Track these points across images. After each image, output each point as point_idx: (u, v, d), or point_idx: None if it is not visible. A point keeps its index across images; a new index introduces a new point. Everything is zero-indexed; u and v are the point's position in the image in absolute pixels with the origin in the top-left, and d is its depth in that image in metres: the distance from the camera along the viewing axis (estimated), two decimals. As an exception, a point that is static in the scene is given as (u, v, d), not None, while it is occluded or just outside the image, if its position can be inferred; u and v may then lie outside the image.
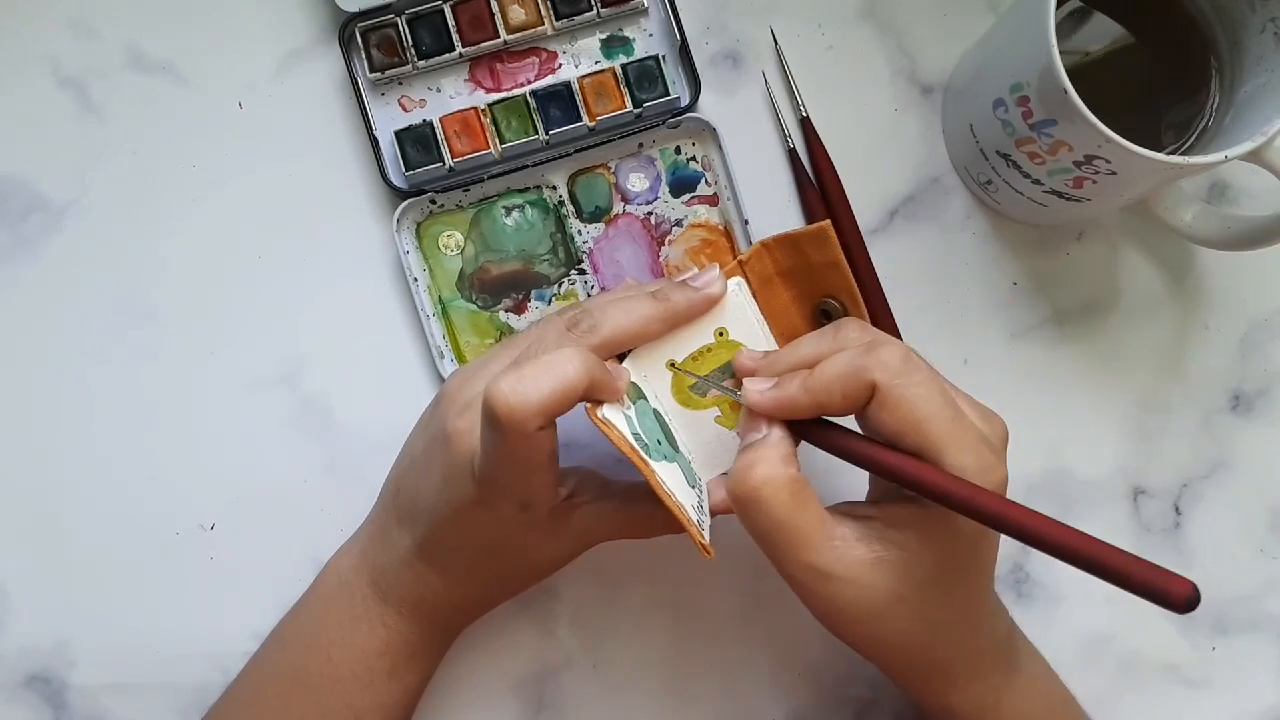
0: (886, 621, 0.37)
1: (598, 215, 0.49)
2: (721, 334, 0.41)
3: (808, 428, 0.38)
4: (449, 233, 0.49)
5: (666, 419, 0.41)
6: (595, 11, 0.48)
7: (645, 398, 0.40)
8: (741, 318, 0.42)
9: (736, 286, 0.41)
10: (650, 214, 0.49)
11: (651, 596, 0.49)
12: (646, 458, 0.37)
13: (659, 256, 0.49)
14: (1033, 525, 0.34)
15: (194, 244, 0.49)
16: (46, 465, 0.48)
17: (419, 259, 0.48)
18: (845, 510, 0.38)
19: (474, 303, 0.49)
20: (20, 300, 0.49)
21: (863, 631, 0.38)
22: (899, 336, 0.48)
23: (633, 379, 0.40)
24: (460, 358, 0.48)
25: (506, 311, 0.49)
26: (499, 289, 0.49)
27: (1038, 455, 0.49)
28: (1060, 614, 0.49)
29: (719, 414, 0.42)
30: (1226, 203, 0.49)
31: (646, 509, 0.41)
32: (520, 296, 0.49)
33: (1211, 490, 0.49)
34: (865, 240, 0.49)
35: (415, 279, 0.48)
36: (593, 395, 0.36)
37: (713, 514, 0.40)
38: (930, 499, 0.35)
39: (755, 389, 0.38)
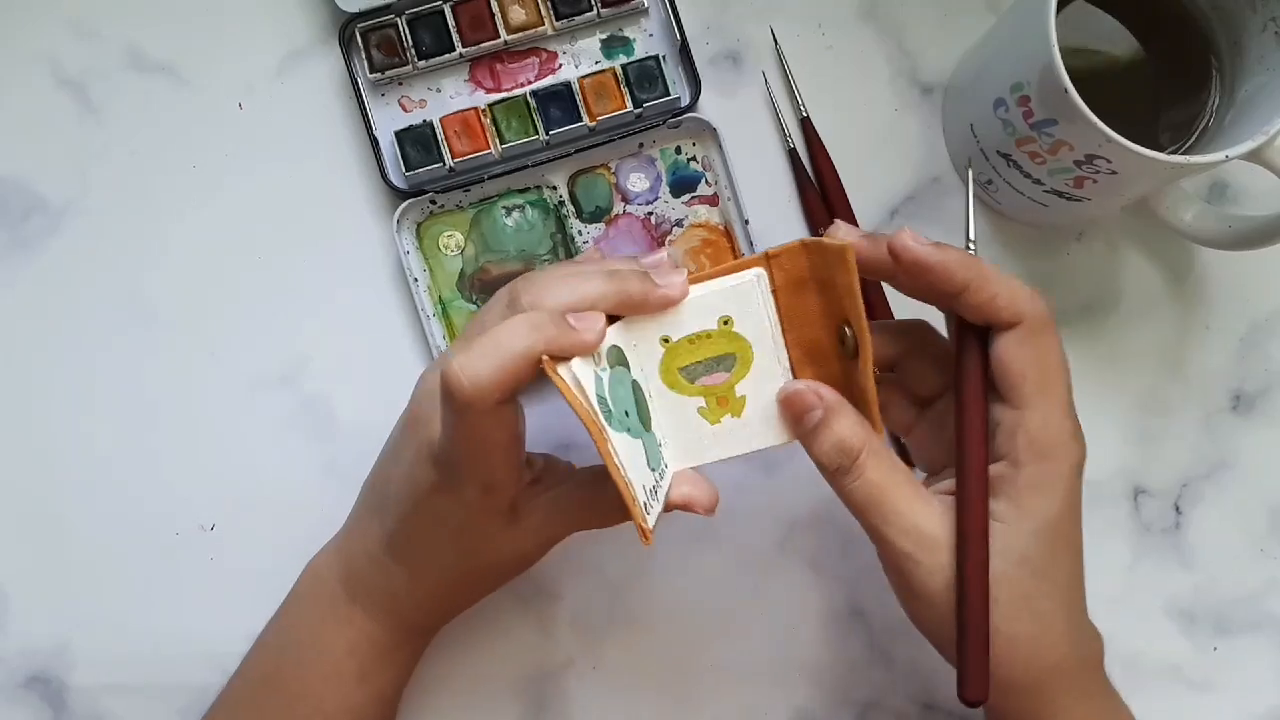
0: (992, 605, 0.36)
1: (598, 215, 0.49)
2: (726, 322, 0.39)
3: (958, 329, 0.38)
4: (449, 233, 0.49)
5: (647, 396, 0.39)
6: (595, 11, 0.48)
7: (627, 366, 0.38)
8: (751, 311, 0.39)
9: (755, 279, 0.38)
10: (650, 214, 0.49)
11: (651, 597, 0.49)
12: (604, 423, 0.34)
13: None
14: None
15: (194, 244, 0.49)
16: (46, 466, 0.48)
17: (419, 259, 0.48)
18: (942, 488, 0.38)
19: (474, 303, 0.49)
20: (20, 301, 0.49)
21: (952, 616, 0.36)
22: (899, 336, 0.48)
23: (616, 342, 0.38)
24: (460, 358, 0.48)
25: (507, 312, 0.49)
26: (499, 289, 0.49)
27: (1038, 455, 0.49)
28: (1061, 614, 0.49)
29: (704, 405, 0.39)
30: (1227, 202, 0.49)
31: (604, 492, 0.39)
32: (520, 297, 0.49)
33: (1212, 490, 0.49)
34: (865, 240, 0.48)
35: (415, 279, 0.48)
36: (554, 353, 0.34)
37: (671, 507, 0.38)
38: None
39: (909, 240, 0.36)
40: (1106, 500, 0.49)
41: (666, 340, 0.39)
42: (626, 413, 0.37)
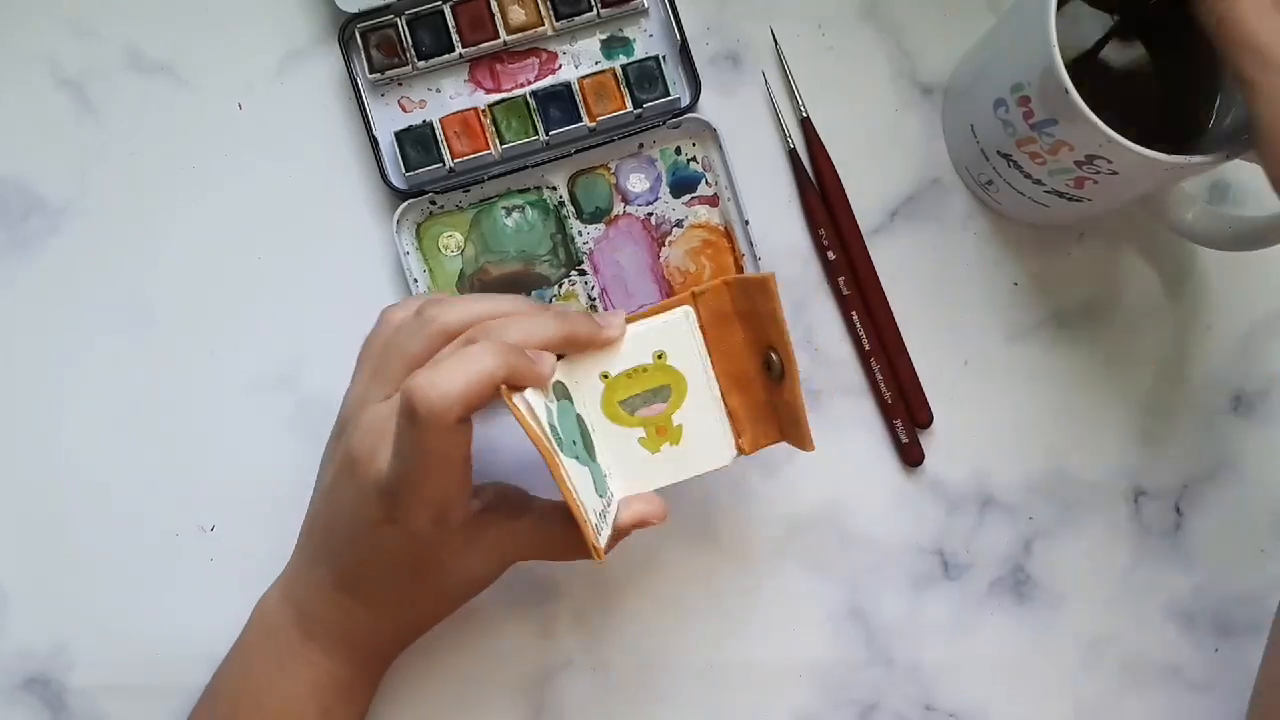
0: None
1: (598, 216, 0.49)
2: (660, 356, 0.42)
3: None
4: (449, 233, 0.49)
5: (590, 429, 0.42)
6: (595, 12, 0.48)
7: (571, 401, 0.41)
8: (683, 345, 0.42)
9: (684, 315, 0.42)
10: (651, 214, 0.49)
11: (651, 597, 0.48)
12: (555, 449, 0.37)
13: (659, 257, 0.49)
14: None
15: (193, 245, 0.49)
16: (46, 466, 0.48)
17: (419, 260, 0.48)
18: None
19: (474, 303, 0.49)
20: (19, 301, 0.49)
21: None
22: (900, 337, 0.48)
23: (561, 378, 0.40)
24: (460, 358, 0.48)
25: (506, 312, 0.49)
26: (499, 290, 0.49)
27: (1038, 456, 0.49)
28: (1062, 615, 0.49)
29: (644, 435, 0.42)
30: (1227, 203, 0.49)
31: (562, 529, 0.41)
32: (520, 297, 0.49)
33: (1213, 491, 0.49)
34: (865, 240, 0.48)
35: (415, 280, 0.48)
36: (513, 382, 0.37)
37: (620, 532, 0.40)
38: None
39: None
40: (1107, 501, 0.49)
41: (606, 375, 0.42)
42: (574, 441, 0.40)
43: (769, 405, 0.42)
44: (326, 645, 0.43)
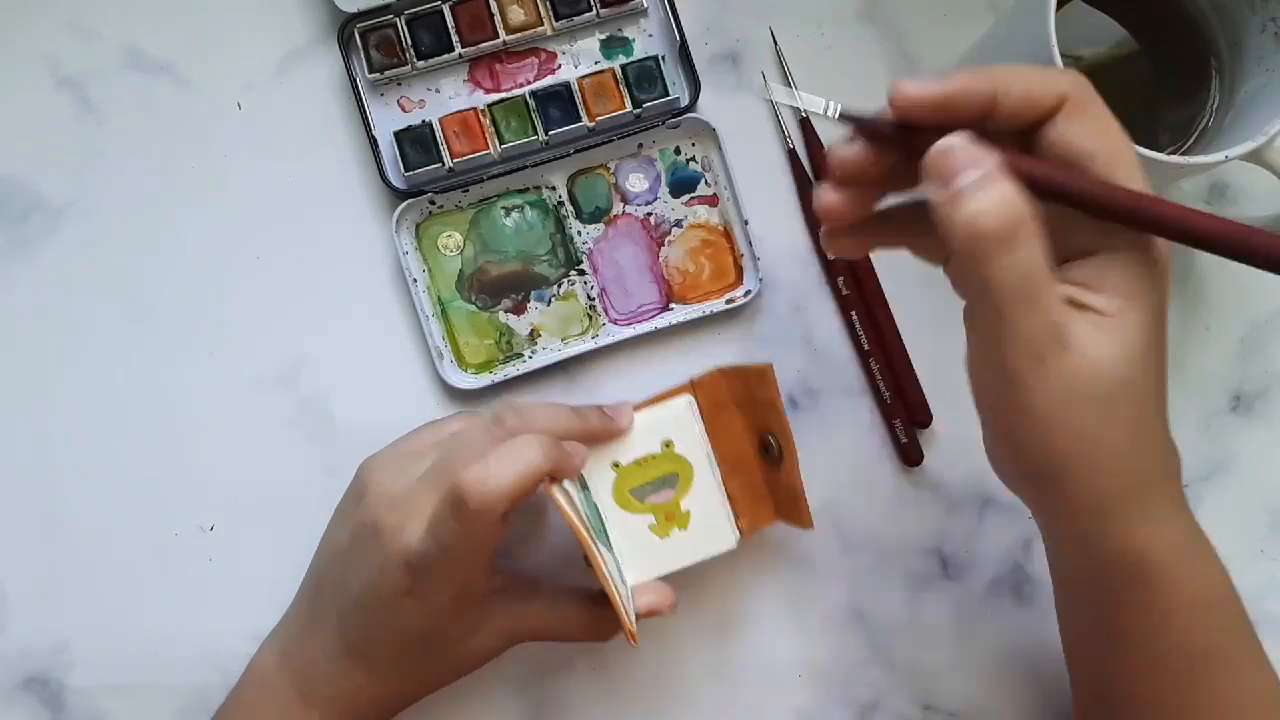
0: (1115, 408, 0.33)
1: (597, 216, 0.49)
2: (668, 445, 0.44)
3: (1017, 161, 0.32)
4: (448, 233, 0.49)
5: (604, 516, 0.44)
6: (595, 12, 0.48)
7: (589, 490, 0.43)
8: (689, 434, 0.44)
9: (689, 405, 0.44)
10: (650, 214, 0.49)
11: (651, 597, 0.49)
12: (592, 538, 0.39)
13: (659, 257, 0.49)
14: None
15: (193, 245, 0.49)
16: (45, 466, 0.48)
17: (418, 259, 0.48)
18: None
19: (473, 303, 0.49)
20: (19, 301, 0.49)
21: (1076, 425, 0.32)
22: (899, 337, 0.48)
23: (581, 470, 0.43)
24: (459, 358, 0.48)
25: (506, 312, 0.49)
26: (498, 290, 0.49)
27: (1038, 456, 0.49)
28: (1061, 615, 0.49)
29: (654, 522, 0.44)
30: (1226, 203, 0.49)
31: (573, 611, 0.44)
32: (520, 297, 0.49)
33: (1212, 491, 0.49)
34: (865, 241, 0.48)
35: (415, 279, 0.48)
36: (555, 475, 0.39)
37: (639, 615, 0.42)
38: (1151, 228, 0.32)
39: (909, 85, 0.33)
40: (1106, 501, 0.49)
41: (617, 465, 0.44)
42: (598, 530, 0.41)
43: (765, 487, 0.45)
44: (326, 709, 0.43)
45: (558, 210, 0.49)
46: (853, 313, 0.48)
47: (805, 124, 0.49)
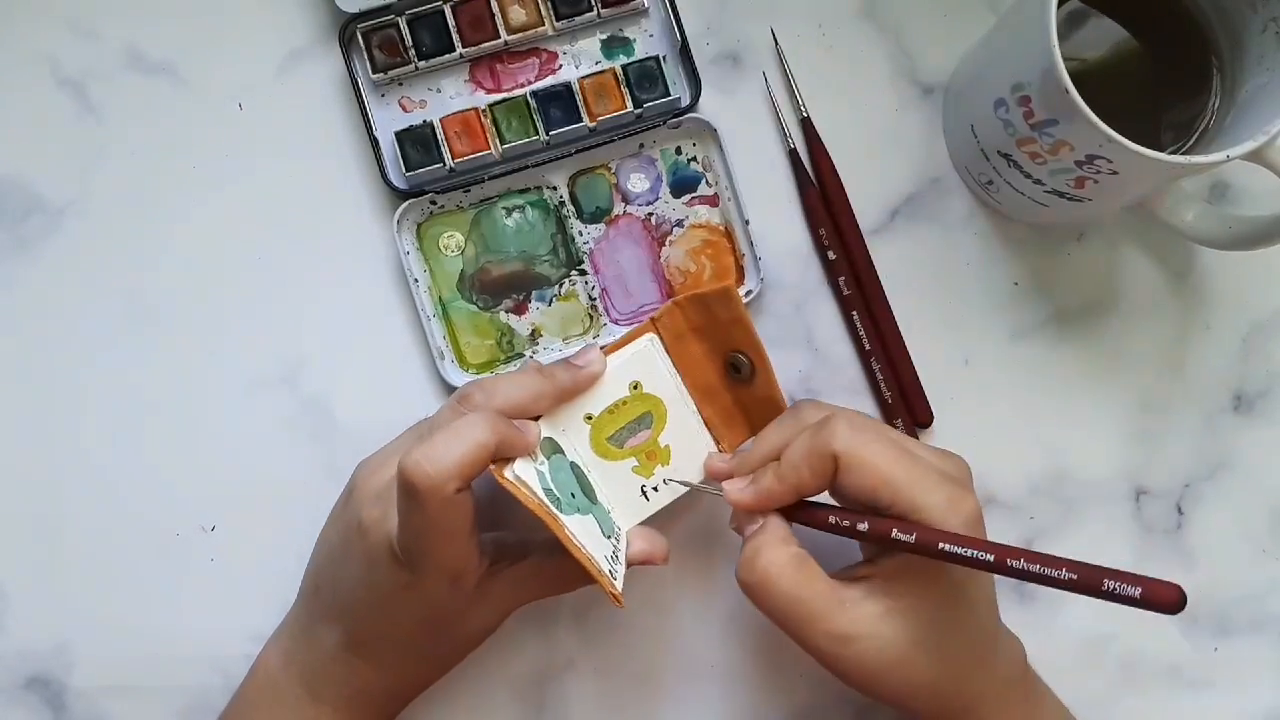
0: (912, 667, 0.38)
1: (598, 216, 0.49)
2: (636, 386, 0.44)
3: (793, 511, 0.41)
4: (449, 233, 0.49)
5: (586, 471, 0.43)
6: (595, 12, 0.48)
7: (562, 451, 0.42)
8: (654, 371, 0.44)
9: (649, 342, 0.44)
10: (651, 214, 0.49)
11: (651, 598, 0.48)
12: (556, 513, 0.39)
13: (659, 257, 0.49)
14: (998, 555, 0.36)
15: (194, 245, 0.49)
16: (46, 466, 0.48)
17: (419, 259, 0.48)
18: (845, 575, 0.40)
19: (474, 303, 0.49)
20: (20, 301, 0.49)
21: (894, 682, 0.39)
22: (900, 337, 0.48)
23: (548, 434, 0.42)
24: (460, 358, 0.48)
25: (507, 312, 0.49)
26: (499, 290, 0.49)
27: (1038, 455, 0.49)
28: (1061, 615, 0.49)
29: (636, 464, 0.44)
30: (1227, 203, 0.49)
31: (561, 564, 0.42)
32: (521, 297, 0.49)
33: (1213, 491, 0.49)
34: (866, 240, 0.48)
35: (415, 280, 0.48)
36: (504, 452, 0.38)
37: (630, 563, 0.42)
38: (908, 550, 0.37)
39: (735, 489, 0.41)
40: (1108, 501, 0.49)
41: (589, 417, 0.43)
42: (573, 494, 0.41)
43: (737, 407, 0.45)
44: (336, 704, 0.43)
45: (559, 210, 0.49)
46: (854, 312, 0.48)
47: (806, 124, 0.49)
